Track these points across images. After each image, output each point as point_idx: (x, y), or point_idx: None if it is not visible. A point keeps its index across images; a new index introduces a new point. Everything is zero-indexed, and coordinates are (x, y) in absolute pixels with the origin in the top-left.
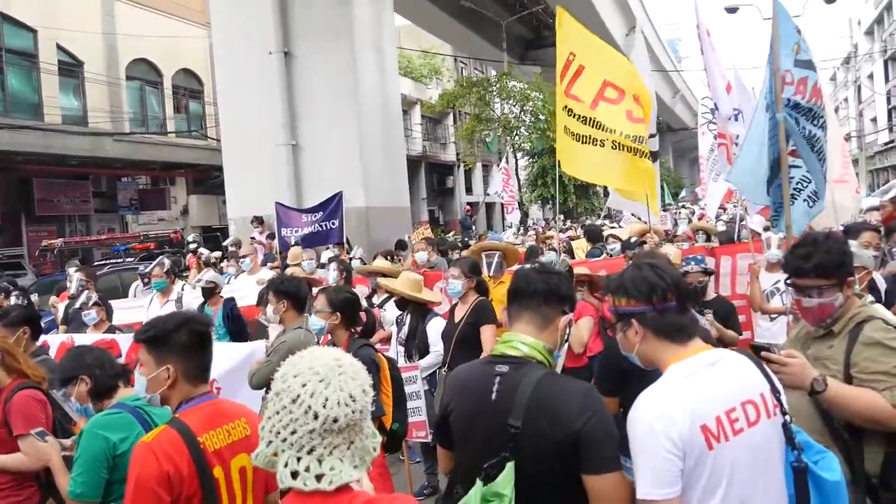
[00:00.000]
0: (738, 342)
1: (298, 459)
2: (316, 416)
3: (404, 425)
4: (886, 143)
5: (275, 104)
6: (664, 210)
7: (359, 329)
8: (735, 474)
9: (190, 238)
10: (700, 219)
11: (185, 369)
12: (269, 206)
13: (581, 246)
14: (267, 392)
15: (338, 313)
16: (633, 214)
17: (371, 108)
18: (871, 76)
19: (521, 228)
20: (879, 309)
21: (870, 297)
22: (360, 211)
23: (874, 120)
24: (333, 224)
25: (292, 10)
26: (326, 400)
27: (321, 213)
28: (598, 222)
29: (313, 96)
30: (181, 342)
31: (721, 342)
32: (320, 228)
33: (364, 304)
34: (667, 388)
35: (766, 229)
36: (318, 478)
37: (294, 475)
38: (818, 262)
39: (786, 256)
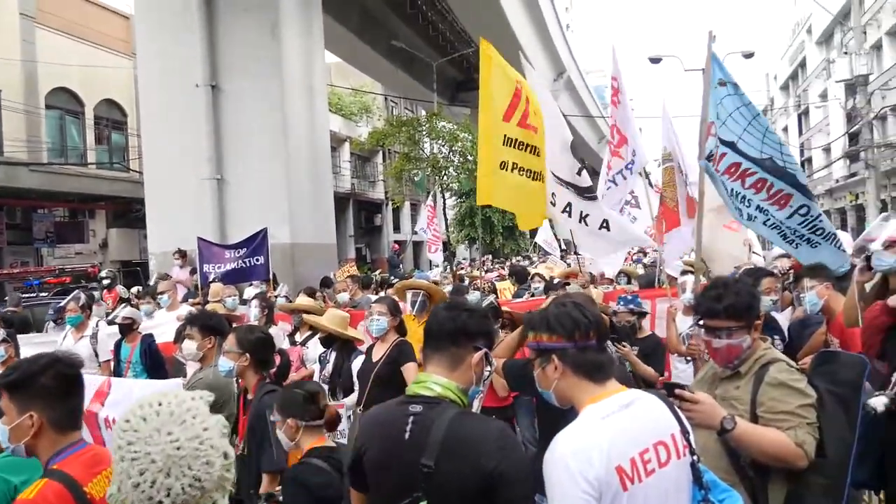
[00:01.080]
0: (656, 379)
1: None
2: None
3: None
4: None
5: (200, 137)
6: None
7: (272, 371)
8: None
9: (103, 273)
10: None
11: (51, 416)
12: (192, 240)
13: (507, 287)
14: None
15: (247, 354)
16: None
17: (299, 145)
18: (785, 129)
19: (448, 268)
20: (777, 351)
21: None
22: (284, 247)
23: None
24: (258, 261)
25: (221, 43)
26: (170, 490)
27: (245, 249)
28: (522, 262)
29: (240, 131)
30: (47, 386)
31: (639, 378)
32: (244, 265)
33: (286, 342)
34: (584, 429)
35: (684, 273)
36: None
37: None
38: (729, 304)
39: (697, 298)
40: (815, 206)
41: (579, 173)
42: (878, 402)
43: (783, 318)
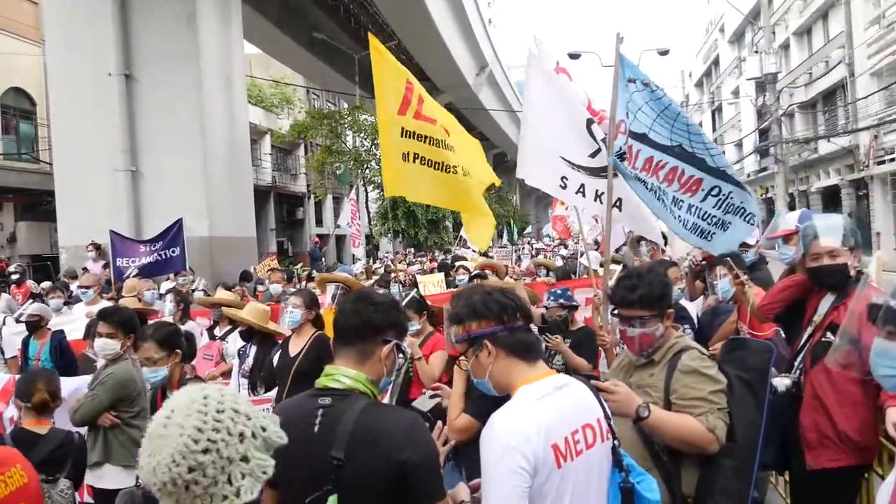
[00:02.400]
0: (588, 370)
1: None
2: (154, 483)
3: None
4: None
5: (114, 128)
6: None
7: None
8: (575, 492)
9: (12, 268)
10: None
11: None
12: (105, 234)
13: (432, 280)
14: (92, 429)
15: (174, 351)
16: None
17: (217, 137)
18: (700, 125)
19: (371, 261)
20: (689, 339)
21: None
22: (202, 241)
23: None
24: (174, 252)
25: (135, 31)
26: (153, 468)
27: (160, 241)
28: (441, 257)
29: (156, 122)
30: None
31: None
32: (160, 257)
33: (204, 337)
34: (521, 409)
35: (602, 265)
36: None
37: None
38: (642, 294)
39: (612, 288)
40: (727, 186)
41: (593, 155)
42: (781, 383)
43: (694, 307)
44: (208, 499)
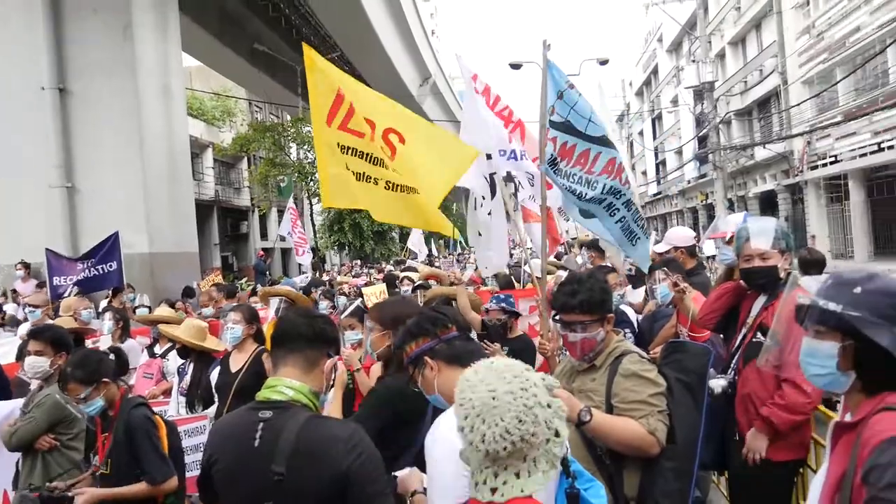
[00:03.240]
0: None
1: (480, 471)
2: (478, 449)
3: (180, 501)
4: (655, 195)
5: (48, 143)
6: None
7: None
8: None
9: None
10: None
11: None
12: (41, 252)
13: (375, 291)
14: (28, 452)
15: (102, 380)
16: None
17: (157, 150)
18: (641, 133)
19: (318, 274)
20: (629, 343)
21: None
22: (143, 257)
23: (644, 173)
24: (111, 266)
25: (68, 44)
26: (483, 436)
27: (95, 256)
28: (388, 268)
29: (92, 136)
30: None
31: None
32: (97, 272)
33: (144, 355)
34: None
35: (549, 273)
36: (493, 491)
37: (476, 485)
38: (583, 299)
39: (554, 294)
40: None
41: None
42: (717, 384)
43: (628, 309)
44: (532, 461)
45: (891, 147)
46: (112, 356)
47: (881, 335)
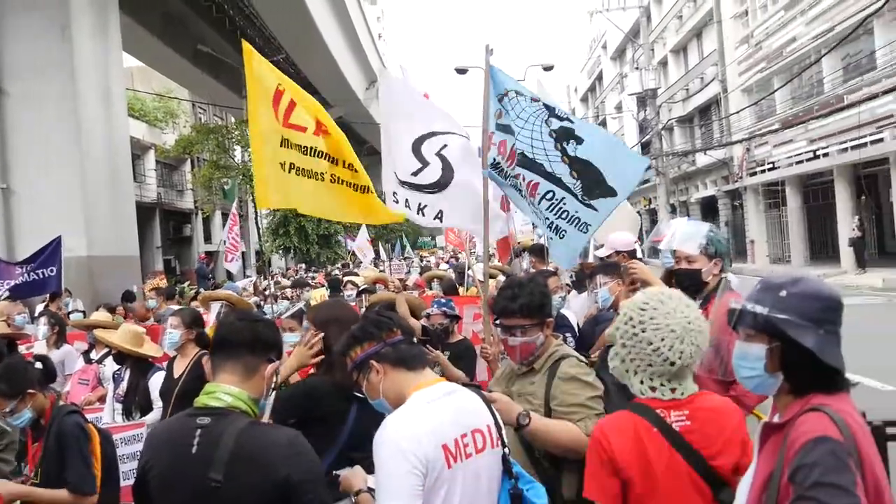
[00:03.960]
0: (464, 381)
1: (651, 378)
2: (672, 364)
3: None
4: None
5: None
6: (402, 259)
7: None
8: (464, 494)
9: None
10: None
11: None
12: None
13: (316, 295)
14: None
15: (27, 391)
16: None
17: (96, 151)
18: None
19: (262, 278)
20: (568, 347)
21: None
22: (81, 261)
23: None
24: (51, 272)
25: (4, 43)
26: (682, 353)
27: (35, 261)
28: (335, 271)
29: (29, 137)
30: None
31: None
32: (35, 277)
33: (80, 361)
34: (412, 412)
35: (492, 277)
36: (673, 391)
37: (653, 389)
38: (523, 303)
39: (494, 298)
40: (560, 192)
41: (416, 173)
42: None
43: (575, 317)
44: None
45: (825, 154)
46: (38, 364)
47: (806, 336)
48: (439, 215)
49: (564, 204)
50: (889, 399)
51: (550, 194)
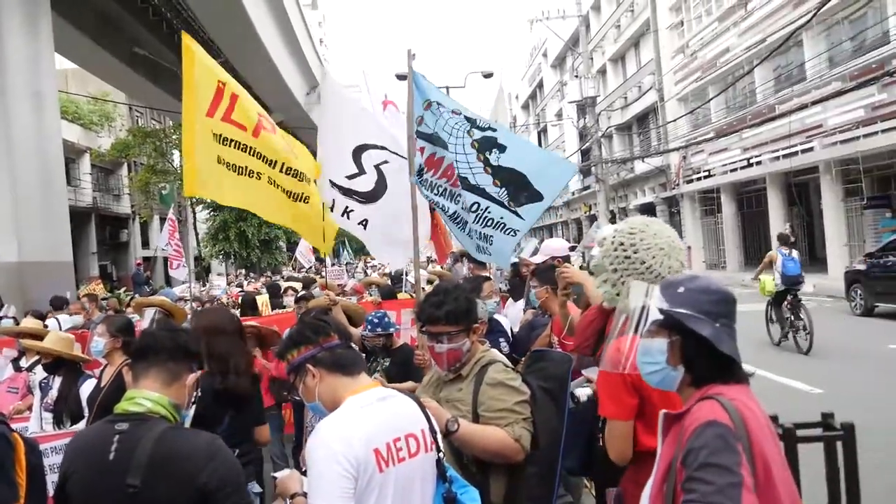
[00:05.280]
0: (413, 391)
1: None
2: (660, 276)
3: None
4: None
5: None
6: (344, 265)
7: None
8: (395, 497)
9: None
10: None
11: None
12: None
13: (265, 301)
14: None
15: None
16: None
17: (26, 155)
18: None
19: (201, 284)
20: (496, 353)
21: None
22: (10, 266)
23: None
24: None
25: None
26: (670, 268)
27: None
28: (276, 278)
29: None
30: None
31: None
32: None
33: (9, 369)
34: (345, 416)
35: (430, 282)
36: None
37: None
38: (448, 310)
39: (420, 305)
40: (485, 202)
41: (351, 177)
42: (583, 393)
43: (508, 321)
44: None
45: (758, 163)
46: None
47: (702, 327)
48: (363, 223)
49: (489, 212)
50: (815, 401)
51: (475, 206)
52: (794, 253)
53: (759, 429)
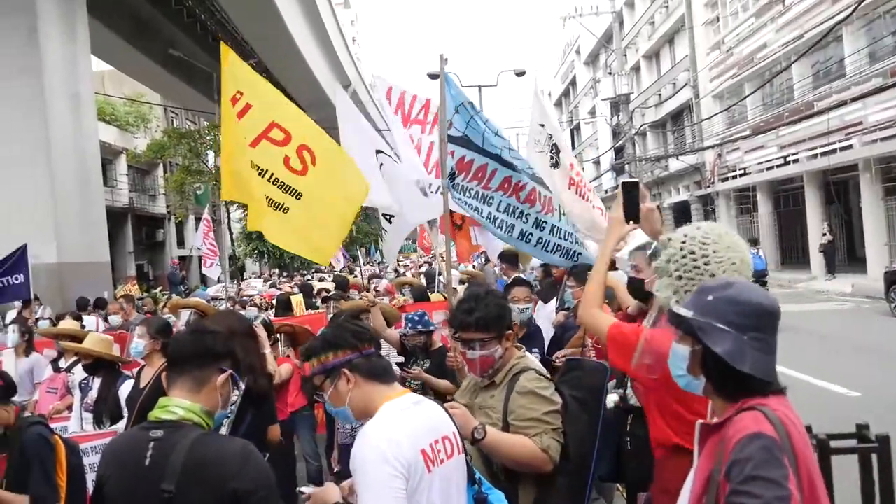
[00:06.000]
0: (452, 391)
1: None
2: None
3: None
4: None
5: None
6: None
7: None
8: (441, 498)
9: None
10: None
11: None
12: None
13: (299, 301)
14: None
15: None
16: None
17: (65, 156)
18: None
19: (236, 283)
20: (530, 359)
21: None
22: (51, 268)
23: None
24: (17, 279)
25: None
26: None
27: (1, 268)
28: (308, 277)
29: None
30: None
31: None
32: (2, 285)
33: (49, 369)
34: (389, 419)
35: (462, 283)
36: None
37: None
38: (479, 317)
39: (452, 311)
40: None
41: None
42: (610, 399)
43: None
44: None
45: (795, 161)
46: None
47: (720, 341)
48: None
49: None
50: (853, 405)
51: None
52: (760, 251)
53: (802, 442)
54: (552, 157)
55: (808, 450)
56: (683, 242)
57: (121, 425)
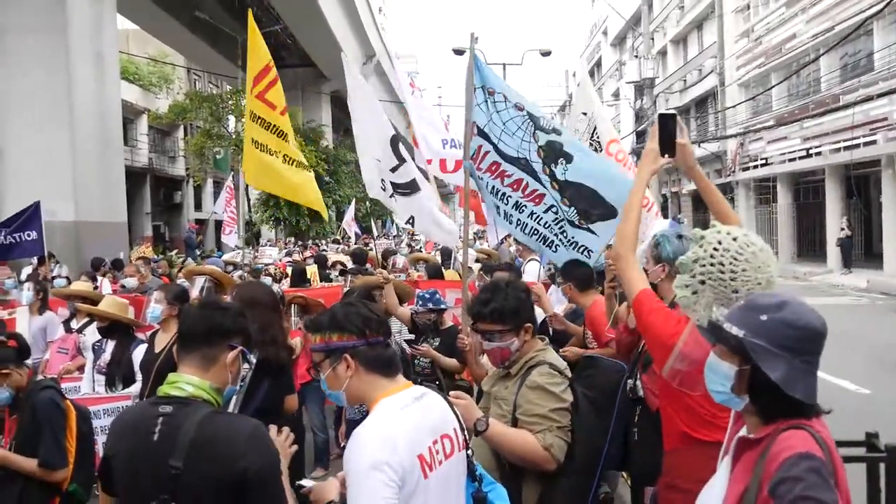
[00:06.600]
0: (460, 370)
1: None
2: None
3: (87, 488)
4: None
5: None
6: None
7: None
8: (437, 501)
9: None
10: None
11: None
12: None
13: (314, 272)
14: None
15: (7, 367)
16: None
17: (86, 115)
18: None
19: (252, 249)
20: (551, 353)
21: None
22: (67, 226)
23: None
24: (30, 236)
25: None
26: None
27: (14, 224)
28: (324, 249)
29: (20, 96)
30: None
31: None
32: (13, 240)
33: (61, 329)
34: (386, 420)
35: (478, 261)
36: None
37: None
38: (494, 308)
39: (470, 301)
40: (564, 209)
41: (394, 170)
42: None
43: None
44: None
45: (818, 153)
46: (9, 342)
47: (776, 367)
48: (410, 221)
49: (564, 226)
50: (862, 402)
51: (555, 209)
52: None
53: (841, 468)
54: (592, 144)
55: (844, 472)
56: (716, 249)
57: (133, 388)
